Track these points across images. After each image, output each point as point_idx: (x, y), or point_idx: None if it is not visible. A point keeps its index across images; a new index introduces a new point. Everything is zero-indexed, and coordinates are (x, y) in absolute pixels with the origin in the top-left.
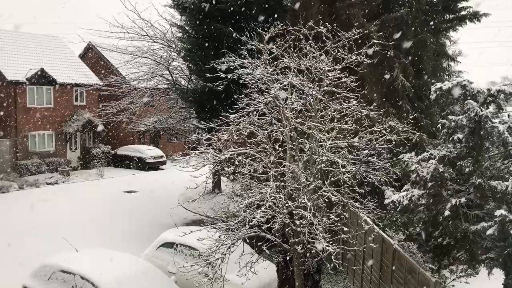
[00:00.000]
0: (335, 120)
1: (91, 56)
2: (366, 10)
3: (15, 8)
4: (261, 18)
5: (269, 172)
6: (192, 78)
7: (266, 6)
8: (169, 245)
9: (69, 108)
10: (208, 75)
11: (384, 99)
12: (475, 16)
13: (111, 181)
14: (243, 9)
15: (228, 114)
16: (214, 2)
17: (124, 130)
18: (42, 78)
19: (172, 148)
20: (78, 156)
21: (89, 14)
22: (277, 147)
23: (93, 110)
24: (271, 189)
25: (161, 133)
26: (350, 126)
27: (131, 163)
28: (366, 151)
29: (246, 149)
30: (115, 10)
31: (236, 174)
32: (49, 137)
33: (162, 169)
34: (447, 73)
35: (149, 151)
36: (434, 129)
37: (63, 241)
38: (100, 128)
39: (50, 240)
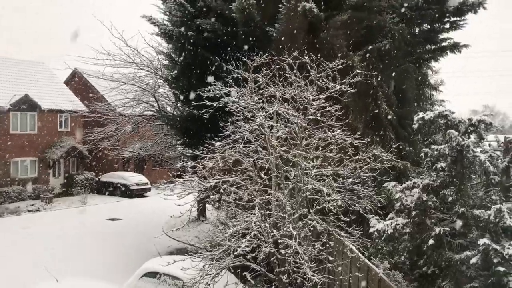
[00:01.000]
0: (320, 148)
1: (77, 82)
2: (350, 41)
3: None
4: (247, 47)
5: (255, 200)
6: (178, 105)
7: (251, 36)
8: (152, 274)
9: (53, 134)
10: (194, 103)
11: (368, 128)
12: (455, 47)
13: (94, 208)
14: (229, 38)
15: (213, 142)
16: (200, 31)
17: (108, 157)
18: (26, 104)
19: (157, 175)
20: (61, 183)
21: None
22: (262, 175)
23: (78, 136)
24: (256, 218)
25: (146, 160)
26: (335, 155)
27: (115, 190)
28: (351, 180)
29: (232, 177)
30: (102, 37)
31: (221, 202)
32: (32, 163)
33: (147, 196)
34: (429, 102)
35: (133, 178)
36: (418, 157)
37: (44, 271)
38: (85, 154)
39: (31, 269)
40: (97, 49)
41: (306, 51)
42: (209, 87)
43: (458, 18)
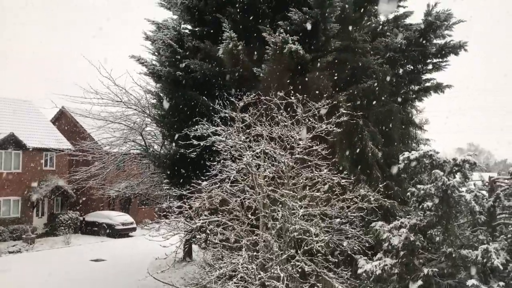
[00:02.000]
0: (307, 188)
1: (64, 121)
2: (335, 82)
3: None
4: (234, 87)
5: (242, 241)
6: (165, 143)
7: (239, 76)
8: None
9: (38, 173)
10: (181, 142)
11: (355, 167)
12: (438, 88)
13: (78, 248)
14: (216, 78)
15: (200, 182)
16: (188, 71)
17: (94, 196)
18: (11, 143)
19: (143, 214)
20: (45, 223)
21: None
22: (249, 215)
23: (63, 175)
24: (243, 259)
25: (132, 199)
26: (322, 194)
27: (100, 230)
28: (339, 219)
29: (218, 217)
30: (90, 76)
31: (207, 243)
32: (14, 203)
33: (132, 236)
34: (415, 141)
35: (118, 217)
36: (405, 196)
37: None
38: (69, 193)
39: None
40: (84, 87)
41: (292, 91)
42: (196, 126)
43: (440, 60)
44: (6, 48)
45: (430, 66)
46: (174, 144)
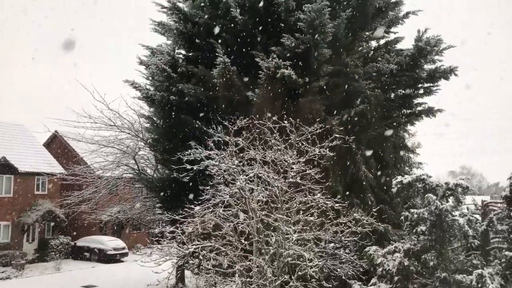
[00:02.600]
0: (301, 212)
1: (57, 145)
2: (328, 106)
3: None
4: (228, 111)
5: (235, 266)
6: (159, 167)
7: (232, 100)
8: None
9: (29, 198)
10: (174, 166)
11: (348, 191)
12: (430, 112)
13: (69, 274)
14: (210, 102)
15: (193, 206)
16: (182, 95)
17: (85, 220)
18: (3, 167)
19: (135, 239)
20: (35, 248)
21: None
22: (243, 240)
23: (55, 199)
24: (236, 285)
25: (124, 223)
26: (316, 218)
27: (91, 255)
28: (333, 244)
29: (211, 243)
30: (84, 100)
31: (200, 268)
32: (5, 228)
33: (124, 261)
34: (407, 165)
35: (110, 242)
36: (398, 220)
37: None
38: (61, 218)
39: None
40: (78, 112)
41: (285, 116)
42: (189, 150)
43: (431, 84)
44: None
45: (421, 91)
46: (167, 168)
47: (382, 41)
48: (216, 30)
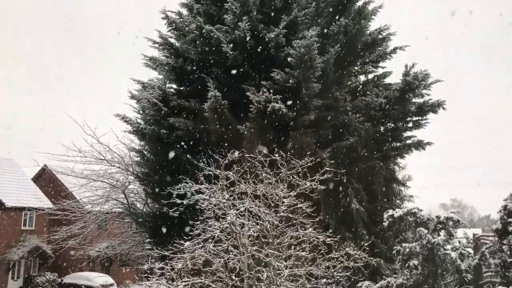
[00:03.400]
0: (292, 247)
1: (45, 179)
2: (319, 139)
3: None
4: (218, 144)
5: None
6: (148, 201)
7: (223, 134)
8: None
9: (16, 233)
10: (164, 200)
11: (340, 224)
12: (419, 145)
13: None
14: (201, 136)
15: (183, 241)
16: (172, 129)
17: (73, 256)
18: None
19: (124, 275)
20: (20, 286)
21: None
22: (233, 277)
23: (42, 235)
24: None
25: (113, 259)
26: (308, 254)
27: None
28: (325, 280)
29: (201, 279)
30: (74, 134)
31: None
32: None
33: None
34: (399, 198)
35: (98, 279)
36: (391, 253)
37: None
38: (48, 254)
39: None
40: (68, 146)
41: (276, 149)
42: (179, 184)
43: (420, 118)
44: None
45: (410, 124)
46: (157, 202)
47: (370, 76)
48: (207, 65)
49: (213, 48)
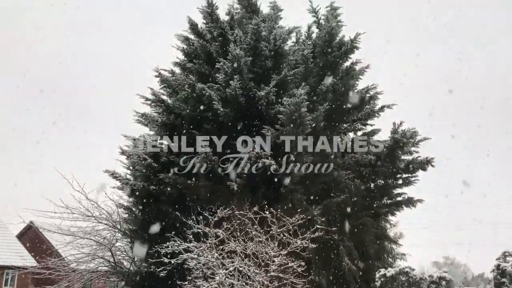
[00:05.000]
0: None
1: (31, 236)
2: (309, 196)
3: None
4: (208, 201)
5: None
6: (136, 260)
7: (213, 189)
8: None
9: None
10: (151, 260)
11: (331, 284)
12: (410, 202)
13: None
14: (190, 192)
15: None
16: (162, 185)
17: None
18: None
19: None
20: None
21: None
22: None
23: None
24: None
25: None
26: None
27: None
28: None
29: None
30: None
31: None
32: None
33: None
34: (390, 256)
35: None
36: None
37: None
38: None
39: None
40: (55, 202)
41: (266, 206)
42: (168, 242)
43: (409, 175)
44: None
45: (400, 181)
46: (144, 261)
47: (359, 133)
48: (199, 121)
49: (205, 105)
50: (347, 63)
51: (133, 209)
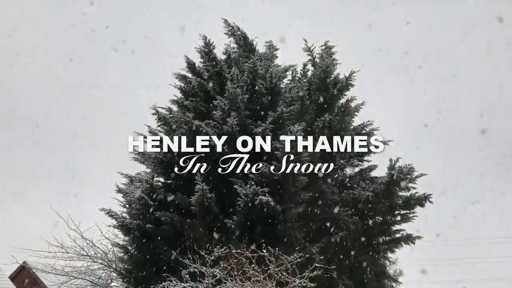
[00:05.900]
0: None
1: (24, 277)
2: (307, 233)
3: None
4: (205, 239)
5: None
6: None
7: (210, 228)
8: None
9: None
10: None
11: None
12: (409, 239)
13: None
14: (187, 230)
15: None
16: (158, 223)
17: None
18: None
19: None
20: None
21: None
22: None
23: None
24: None
25: None
26: None
27: None
28: None
29: None
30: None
31: None
32: None
33: None
34: None
35: None
36: None
37: None
38: None
39: None
40: (49, 241)
41: (264, 244)
42: (163, 283)
43: (407, 211)
44: None
45: (398, 218)
46: None
47: (356, 169)
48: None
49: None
50: (343, 100)
51: (129, 248)
